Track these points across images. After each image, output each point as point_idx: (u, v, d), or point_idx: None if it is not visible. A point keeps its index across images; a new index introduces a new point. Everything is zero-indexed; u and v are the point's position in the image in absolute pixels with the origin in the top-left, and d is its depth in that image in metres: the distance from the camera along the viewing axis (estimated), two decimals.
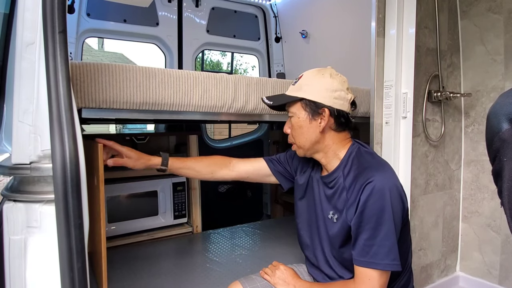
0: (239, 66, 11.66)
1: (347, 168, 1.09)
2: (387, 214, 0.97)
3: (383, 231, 0.97)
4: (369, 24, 1.65)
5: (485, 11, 2.06)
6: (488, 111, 0.74)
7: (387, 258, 0.97)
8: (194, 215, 2.13)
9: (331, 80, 1.09)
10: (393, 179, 1.03)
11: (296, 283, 1.15)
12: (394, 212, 0.98)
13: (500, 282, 2.05)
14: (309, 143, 1.12)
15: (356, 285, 1.01)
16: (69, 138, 0.72)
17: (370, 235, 0.98)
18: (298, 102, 1.11)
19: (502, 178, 0.71)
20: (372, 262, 0.98)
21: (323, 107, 1.08)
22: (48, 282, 0.76)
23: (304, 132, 1.11)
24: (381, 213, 0.97)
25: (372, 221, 0.98)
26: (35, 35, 0.76)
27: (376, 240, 0.98)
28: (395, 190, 1.00)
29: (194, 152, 2.15)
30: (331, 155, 1.13)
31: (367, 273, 0.99)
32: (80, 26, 2.21)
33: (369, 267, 0.98)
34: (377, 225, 0.97)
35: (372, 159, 1.10)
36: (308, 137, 1.11)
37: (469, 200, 2.20)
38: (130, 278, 1.42)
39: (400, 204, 1.01)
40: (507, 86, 1.99)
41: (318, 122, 1.09)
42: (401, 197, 1.02)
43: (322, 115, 1.08)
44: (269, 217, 2.96)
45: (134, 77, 1.18)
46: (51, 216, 0.73)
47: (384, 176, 1.01)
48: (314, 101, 1.08)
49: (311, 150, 1.14)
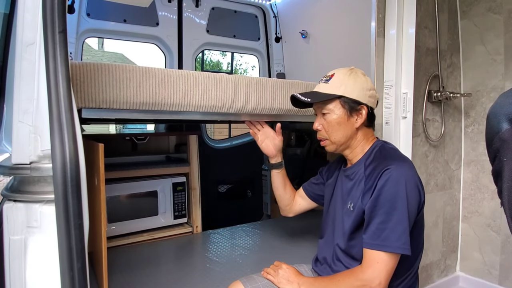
0: (239, 66, 11.67)
1: (369, 160, 1.15)
2: (402, 200, 1.00)
3: (396, 217, 0.99)
4: (369, 24, 1.65)
5: (485, 11, 2.06)
6: (488, 111, 0.74)
7: (398, 241, 0.99)
8: (194, 215, 2.13)
9: (365, 79, 1.18)
10: (412, 170, 1.07)
11: (299, 280, 1.16)
12: (409, 201, 1.01)
13: (500, 282, 2.05)
14: (345, 138, 1.18)
15: (364, 269, 1.02)
16: (69, 138, 0.72)
17: (383, 220, 1.01)
18: (336, 100, 1.16)
19: (502, 178, 0.71)
20: (383, 245, 1.00)
21: (362, 105, 1.15)
22: (48, 282, 0.76)
23: (341, 129, 1.17)
24: (396, 199, 1.00)
25: (387, 206, 1.01)
26: (35, 35, 0.76)
27: (388, 224, 1.00)
28: (412, 180, 1.04)
29: (194, 152, 2.15)
30: (359, 150, 1.20)
31: (376, 256, 1.01)
32: (80, 26, 2.21)
33: (379, 249, 1.00)
34: (391, 210, 1.00)
35: (394, 153, 1.16)
36: (345, 133, 1.17)
37: (469, 200, 2.20)
38: (130, 278, 1.42)
39: (416, 194, 1.04)
40: (507, 86, 1.99)
41: (355, 119, 1.16)
42: (418, 188, 1.05)
43: (360, 112, 1.16)
44: (269, 217, 2.95)
45: (134, 77, 1.18)
46: (51, 216, 0.73)
47: (403, 166, 1.05)
48: (354, 99, 1.14)
49: (344, 145, 1.20)
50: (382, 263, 1.00)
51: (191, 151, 2.15)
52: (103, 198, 1.15)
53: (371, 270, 1.00)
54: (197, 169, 2.15)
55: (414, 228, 1.06)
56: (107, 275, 1.21)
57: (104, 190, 1.15)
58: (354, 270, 1.07)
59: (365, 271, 1.02)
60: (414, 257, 1.12)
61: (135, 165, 2.03)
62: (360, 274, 1.02)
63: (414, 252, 1.09)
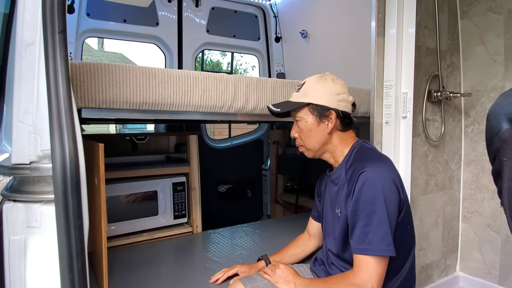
0: (239, 66, 11.67)
1: (349, 162, 1.15)
2: (380, 201, 1.01)
3: (377, 219, 1.01)
4: (369, 24, 1.65)
5: (485, 11, 2.06)
6: (488, 111, 0.74)
7: (381, 244, 1.00)
8: (194, 215, 2.13)
9: (333, 85, 1.18)
10: (389, 170, 1.08)
11: (296, 280, 1.17)
12: (387, 201, 1.01)
13: (500, 282, 2.05)
14: (318, 144, 1.20)
15: (355, 274, 1.03)
16: (69, 138, 0.72)
17: (366, 223, 1.02)
18: (305, 107, 1.19)
19: (502, 178, 0.71)
20: (368, 248, 1.01)
21: (330, 110, 1.16)
22: (48, 282, 0.76)
23: (313, 135, 1.19)
24: (374, 201, 1.01)
25: (367, 209, 1.02)
26: (35, 35, 0.76)
27: (370, 227, 1.01)
28: (388, 179, 1.04)
29: (194, 152, 2.15)
30: (338, 154, 1.21)
31: (364, 260, 1.02)
32: (80, 26, 2.21)
33: (366, 254, 1.01)
34: (371, 212, 1.01)
35: (372, 153, 1.16)
36: (318, 139, 1.19)
37: (469, 200, 2.20)
38: (130, 278, 1.42)
39: (394, 193, 1.04)
40: (507, 86, 1.99)
41: (326, 124, 1.17)
42: (395, 187, 1.05)
43: (329, 117, 1.16)
44: (269, 217, 2.96)
45: (134, 77, 1.18)
46: (51, 216, 0.73)
47: (379, 166, 1.06)
48: (321, 105, 1.16)
49: (320, 151, 1.22)
50: (371, 267, 1.01)
51: (191, 151, 2.15)
52: (103, 198, 1.15)
53: (362, 275, 1.01)
54: (197, 169, 2.15)
55: (398, 226, 1.07)
56: (107, 275, 1.21)
57: (104, 190, 1.15)
58: (347, 275, 1.08)
59: (356, 276, 1.03)
60: (403, 256, 1.12)
61: (135, 165, 2.03)
62: (352, 279, 1.03)
63: (402, 250, 1.10)
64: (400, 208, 1.06)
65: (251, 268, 1.37)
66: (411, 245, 1.16)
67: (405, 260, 1.14)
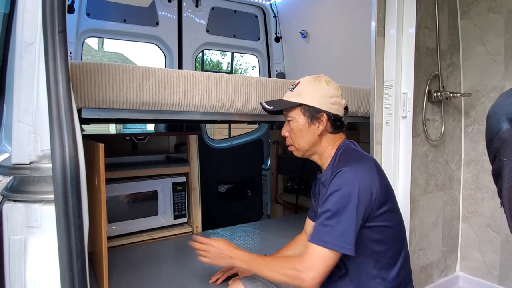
0: (239, 66, 11.67)
1: (335, 164, 1.16)
2: (351, 202, 1.00)
3: (343, 216, 1.00)
4: (369, 24, 1.65)
5: (485, 11, 2.06)
6: (488, 111, 0.74)
7: (339, 239, 0.99)
8: (194, 215, 2.13)
9: (327, 87, 1.18)
10: (366, 171, 1.06)
11: (232, 253, 1.15)
12: (359, 202, 1.01)
13: (500, 282, 2.05)
14: (308, 145, 1.20)
15: (302, 259, 1.03)
16: (69, 138, 0.72)
17: (330, 216, 1.01)
18: (297, 107, 1.19)
19: (502, 178, 0.71)
20: (325, 241, 1.00)
21: (321, 112, 1.16)
22: (48, 282, 0.76)
23: (303, 136, 1.19)
24: (345, 200, 1.00)
25: (336, 206, 1.01)
26: (35, 35, 0.76)
27: (334, 221, 1.01)
28: (364, 181, 1.03)
29: (194, 152, 2.15)
30: (326, 155, 1.21)
31: (316, 250, 1.01)
32: (80, 26, 2.21)
33: (320, 245, 1.01)
34: (339, 210, 1.01)
35: (354, 154, 1.16)
36: (307, 139, 1.19)
37: (469, 200, 2.20)
38: (130, 278, 1.42)
39: (367, 196, 1.03)
40: (507, 86, 1.99)
41: (316, 126, 1.18)
42: (368, 190, 1.03)
43: (320, 119, 1.17)
44: (269, 217, 2.95)
45: (134, 77, 1.18)
46: (51, 216, 0.73)
47: (357, 168, 1.06)
48: (313, 106, 1.16)
49: (309, 152, 1.22)
50: (320, 258, 1.00)
51: (191, 151, 2.15)
52: (103, 198, 1.15)
53: (308, 263, 1.01)
54: (197, 169, 2.15)
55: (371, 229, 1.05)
56: (108, 275, 1.21)
57: (105, 190, 1.15)
58: (293, 259, 1.08)
59: (302, 262, 1.02)
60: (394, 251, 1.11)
61: (135, 165, 2.03)
62: (296, 264, 1.03)
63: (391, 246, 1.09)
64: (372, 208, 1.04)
65: None
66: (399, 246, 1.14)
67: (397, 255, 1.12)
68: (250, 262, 1.13)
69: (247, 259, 1.14)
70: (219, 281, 1.35)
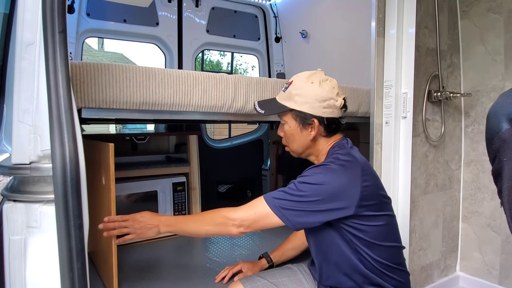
0: (239, 66, 11.66)
1: None
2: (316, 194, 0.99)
3: (305, 198, 0.99)
4: (369, 24, 1.65)
5: (485, 11, 2.06)
6: (488, 111, 0.74)
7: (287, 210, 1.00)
8: None
9: (320, 90, 1.10)
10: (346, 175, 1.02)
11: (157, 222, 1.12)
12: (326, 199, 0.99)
13: (500, 282, 2.05)
14: (301, 149, 1.19)
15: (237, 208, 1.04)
16: (69, 138, 0.72)
17: (292, 192, 1.02)
18: (289, 112, 1.15)
19: (502, 178, 0.71)
20: (275, 198, 1.01)
21: (313, 118, 1.11)
22: (48, 282, 0.76)
23: (296, 140, 1.17)
24: (313, 188, 1.00)
25: (296, 183, 1.02)
26: (35, 35, 0.76)
27: (293, 197, 1.01)
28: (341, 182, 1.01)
29: (194, 152, 2.15)
30: (322, 157, 1.19)
31: (257, 202, 1.03)
32: (80, 26, 2.21)
33: (268, 201, 1.02)
34: (304, 192, 1.00)
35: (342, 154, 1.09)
36: (300, 144, 1.17)
37: (469, 200, 2.20)
38: (130, 278, 1.42)
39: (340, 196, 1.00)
40: (507, 86, 1.99)
41: (309, 131, 1.14)
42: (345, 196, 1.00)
43: (312, 125, 1.12)
44: None
45: (134, 77, 1.18)
46: (51, 216, 0.73)
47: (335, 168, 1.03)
48: (304, 112, 1.11)
49: (304, 154, 1.21)
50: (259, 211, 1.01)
51: (191, 151, 2.15)
52: (113, 197, 1.15)
53: (243, 212, 1.02)
54: (197, 169, 2.15)
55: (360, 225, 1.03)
56: (117, 274, 1.21)
57: (114, 189, 1.15)
58: (225, 209, 1.08)
59: (237, 210, 1.03)
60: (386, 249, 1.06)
61: (135, 165, 2.03)
62: (229, 212, 1.04)
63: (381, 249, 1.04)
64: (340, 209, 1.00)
65: (254, 265, 1.38)
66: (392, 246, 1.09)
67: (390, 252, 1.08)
68: (176, 224, 1.11)
69: (172, 222, 1.12)
70: (226, 279, 1.33)
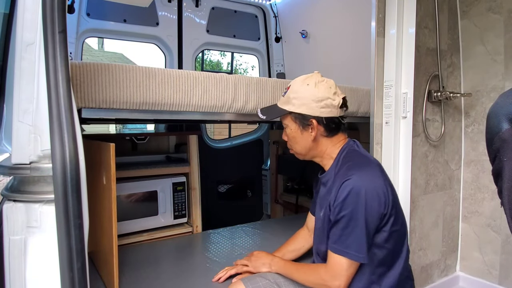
0: (239, 66, 11.66)
1: (337, 167, 1.16)
2: (361, 213, 1.03)
3: (356, 228, 1.03)
4: (369, 24, 1.65)
5: (485, 11, 2.06)
6: (488, 111, 0.74)
7: (357, 250, 1.03)
8: (194, 215, 2.13)
9: (316, 90, 1.14)
10: (373, 179, 1.07)
11: (271, 261, 1.24)
12: (368, 213, 1.03)
13: (500, 282, 2.05)
14: (304, 150, 1.21)
15: (327, 269, 1.08)
16: (69, 138, 0.72)
17: (346, 227, 1.05)
18: (288, 115, 1.19)
19: (502, 178, 0.71)
20: (346, 251, 1.05)
21: (311, 119, 1.14)
22: (48, 282, 0.76)
23: (298, 142, 1.20)
24: (356, 211, 1.03)
25: (347, 217, 1.04)
26: (35, 35, 0.76)
27: (349, 233, 1.04)
28: (371, 189, 1.04)
29: (194, 152, 2.15)
30: (327, 158, 1.21)
31: (338, 260, 1.06)
32: (80, 26, 2.21)
33: (342, 255, 1.05)
34: (353, 220, 1.03)
35: (358, 157, 1.15)
36: (302, 145, 1.20)
37: (469, 200, 2.20)
38: (130, 278, 1.42)
39: (375, 204, 1.05)
40: (507, 86, 1.99)
41: (309, 132, 1.17)
42: (378, 198, 1.05)
43: (311, 126, 1.15)
44: (269, 217, 2.95)
45: (134, 77, 1.18)
46: (51, 216, 0.73)
47: (364, 176, 1.06)
48: (302, 113, 1.15)
49: (308, 155, 1.23)
50: (343, 267, 1.05)
51: (191, 151, 2.15)
52: (114, 197, 1.15)
53: (333, 272, 1.06)
54: (197, 169, 2.15)
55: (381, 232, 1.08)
56: (118, 274, 1.21)
57: (115, 189, 1.16)
58: (319, 268, 1.12)
59: (328, 272, 1.07)
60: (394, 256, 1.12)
61: (135, 165, 2.03)
62: (324, 274, 1.08)
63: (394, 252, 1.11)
64: (384, 214, 1.06)
65: None
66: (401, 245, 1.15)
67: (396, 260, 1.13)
68: (285, 269, 1.22)
69: (282, 265, 1.23)
70: (222, 279, 1.35)
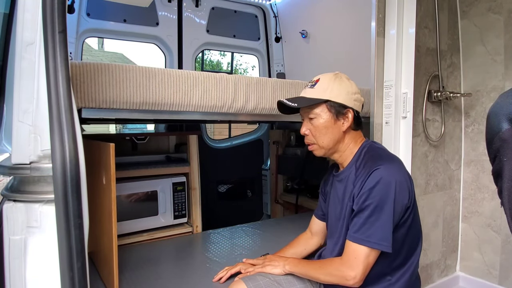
0: (239, 66, 11.67)
1: (359, 161, 1.16)
2: (389, 202, 1.03)
3: (384, 215, 1.03)
4: (369, 24, 1.65)
5: (485, 11, 2.06)
6: (488, 111, 0.74)
7: (381, 238, 1.02)
8: (194, 215, 2.13)
9: (350, 83, 1.20)
10: (401, 170, 1.10)
11: (284, 261, 1.22)
12: (396, 202, 1.03)
13: (500, 282, 2.05)
14: (333, 142, 1.19)
15: (343, 261, 1.07)
16: (69, 138, 0.72)
17: (371, 215, 1.04)
18: (323, 104, 1.17)
19: (502, 178, 0.71)
20: (367, 240, 1.03)
21: (347, 108, 1.17)
22: (48, 282, 0.76)
23: (328, 133, 1.18)
24: (384, 200, 1.03)
25: (374, 205, 1.04)
26: (35, 35, 0.76)
27: (374, 222, 1.03)
28: (401, 181, 1.06)
29: (194, 152, 2.15)
30: (348, 153, 1.21)
31: (357, 249, 1.04)
32: (80, 26, 2.21)
33: (362, 244, 1.04)
34: (379, 209, 1.03)
35: (382, 152, 1.18)
36: (332, 137, 1.18)
37: (469, 200, 2.20)
38: (130, 278, 1.42)
39: (405, 196, 1.06)
40: (507, 86, 1.99)
41: (342, 123, 1.17)
42: (407, 189, 1.07)
43: (346, 115, 1.17)
44: (269, 217, 2.95)
45: (134, 77, 1.18)
46: (51, 216, 0.73)
47: (392, 167, 1.08)
48: (340, 102, 1.16)
49: (332, 149, 1.21)
50: (361, 257, 1.04)
51: (191, 151, 2.15)
52: (113, 197, 1.15)
53: (351, 262, 1.04)
54: (197, 169, 2.15)
55: (403, 226, 1.09)
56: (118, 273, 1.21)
57: (115, 189, 1.15)
58: (335, 260, 1.12)
59: (344, 263, 1.06)
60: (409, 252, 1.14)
61: (135, 165, 2.03)
62: (340, 265, 1.07)
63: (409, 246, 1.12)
64: (406, 210, 1.08)
65: None
66: (416, 245, 1.17)
67: (410, 256, 1.15)
68: (299, 266, 1.19)
69: (297, 264, 1.21)
70: (223, 280, 1.35)
